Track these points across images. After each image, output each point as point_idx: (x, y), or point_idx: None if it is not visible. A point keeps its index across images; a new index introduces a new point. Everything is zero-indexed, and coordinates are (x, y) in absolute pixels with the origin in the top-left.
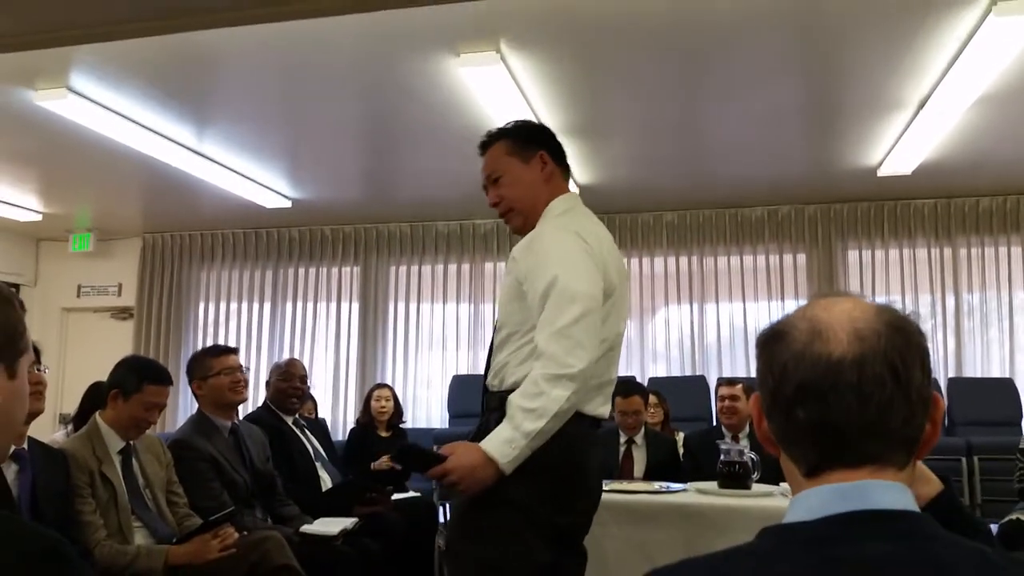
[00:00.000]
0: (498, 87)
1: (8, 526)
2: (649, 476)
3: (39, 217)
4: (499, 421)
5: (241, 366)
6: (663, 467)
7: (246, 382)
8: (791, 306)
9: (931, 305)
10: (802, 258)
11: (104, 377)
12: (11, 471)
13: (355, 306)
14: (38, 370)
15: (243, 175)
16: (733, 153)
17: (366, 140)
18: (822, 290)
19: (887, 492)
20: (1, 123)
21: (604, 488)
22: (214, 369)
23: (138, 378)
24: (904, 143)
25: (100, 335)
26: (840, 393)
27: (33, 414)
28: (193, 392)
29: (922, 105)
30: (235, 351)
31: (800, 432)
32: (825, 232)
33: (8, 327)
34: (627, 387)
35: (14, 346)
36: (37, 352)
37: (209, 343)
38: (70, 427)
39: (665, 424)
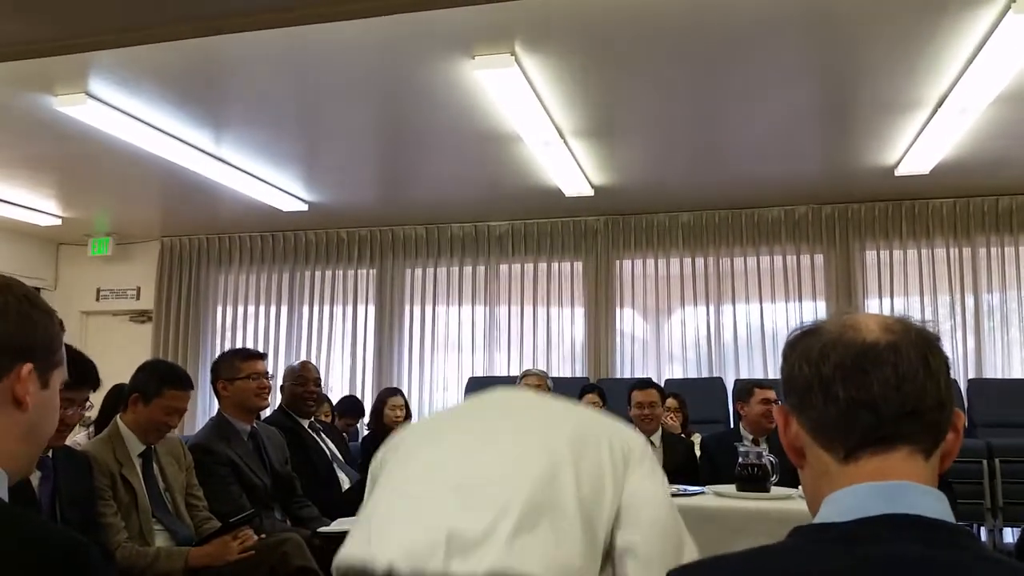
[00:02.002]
0: (513, 89)
1: (34, 528)
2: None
3: (59, 221)
4: None
5: (267, 372)
6: (680, 469)
7: (270, 388)
8: (808, 307)
9: (950, 306)
10: (819, 258)
11: (123, 380)
12: (35, 477)
13: (371, 309)
14: (83, 409)
15: (260, 179)
16: (749, 153)
17: (381, 143)
18: (838, 291)
19: (926, 498)
20: (21, 128)
21: None
22: (243, 372)
23: (159, 382)
24: (922, 142)
25: (119, 338)
26: (879, 369)
27: (50, 445)
28: (217, 392)
29: (940, 104)
30: (264, 356)
31: (838, 413)
32: (842, 232)
33: (47, 337)
34: (643, 382)
35: (50, 357)
36: (95, 384)
37: (227, 346)
38: (91, 429)
39: (683, 428)
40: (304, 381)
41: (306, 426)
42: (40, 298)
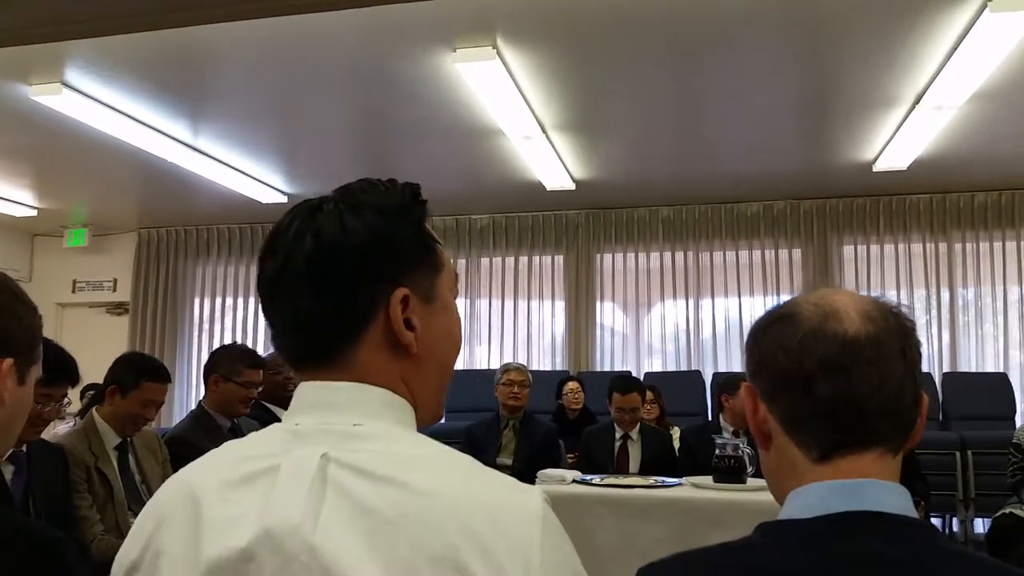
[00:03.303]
0: (494, 82)
1: (7, 523)
2: (644, 471)
3: (34, 212)
4: None
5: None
6: (658, 462)
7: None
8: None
9: (926, 300)
10: (797, 253)
11: (100, 372)
12: (8, 471)
13: None
14: (61, 405)
15: (238, 170)
16: (729, 148)
17: (362, 135)
18: (816, 285)
19: (888, 494)
20: None
21: (599, 483)
22: (241, 376)
23: (136, 374)
24: (900, 138)
25: (95, 330)
26: (863, 368)
27: (24, 440)
28: (207, 383)
29: (918, 101)
30: (263, 366)
31: (816, 410)
32: (821, 227)
33: (30, 332)
34: (625, 383)
35: (30, 353)
36: (73, 381)
37: (205, 339)
38: (77, 420)
39: (660, 420)
40: (280, 366)
41: (283, 417)
42: (25, 293)
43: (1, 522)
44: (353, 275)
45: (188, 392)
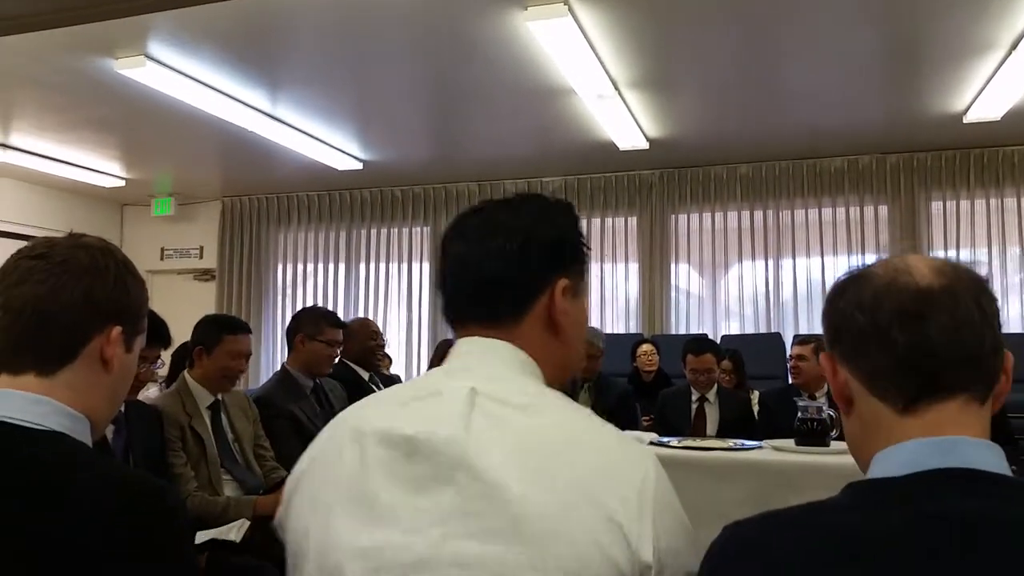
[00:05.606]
0: (567, 40)
1: (117, 471)
2: (722, 434)
3: (122, 183)
4: None
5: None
6: (736, 425)
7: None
8: (872, 260)
9: (1020, 257)
10: (884, 210)
11: (188, 336)
12: (108, 431)
13: (426, 266)
14: (155, 367)
15: (315, 138)
16: (810, 101)
17: (434, 99)
18: (903, 242)
19: (980, 451)
20: (84, 92)
21: (677, 445)
22: (324, 335)
23: (216, 331)
24: (993, 87)
25: (184, 296)
26: (938, 314)
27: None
28: (292, 343)
29: (1015, 46)
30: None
31: (896, 361)
32: (908, 182)
33: (138, 303)
34: (698, 344)
35: (137, 323)
36: (166, 343)
37: (288, 304)
38: (162, 384)
39: (739, 387)
40: (375, 335)
41: (367, 379)
42: (133, 265)
43: (108, 470)
44: (544, 259)
45: (273, 355)
